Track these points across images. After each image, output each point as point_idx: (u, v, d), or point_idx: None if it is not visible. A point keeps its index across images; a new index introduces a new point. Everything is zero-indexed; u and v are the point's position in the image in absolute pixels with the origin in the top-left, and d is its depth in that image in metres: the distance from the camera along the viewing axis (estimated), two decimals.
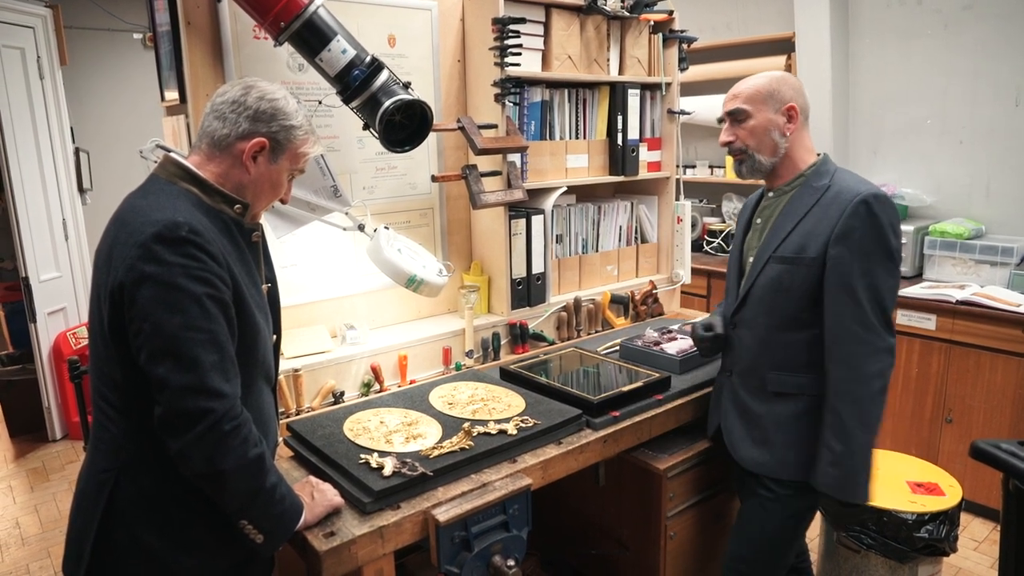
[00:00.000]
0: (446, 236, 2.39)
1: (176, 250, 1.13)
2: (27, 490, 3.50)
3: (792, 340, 1.68)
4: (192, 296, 1.14)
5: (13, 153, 3.68)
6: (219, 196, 1.28)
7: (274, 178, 1.33)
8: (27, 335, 3.92)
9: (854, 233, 1.56)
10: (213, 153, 1.29)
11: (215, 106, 1.29)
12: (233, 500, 1.20)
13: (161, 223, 1.14)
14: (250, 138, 1.28)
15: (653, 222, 2.85)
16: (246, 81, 1.32)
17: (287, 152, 1.32)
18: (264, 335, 1.33)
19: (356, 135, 2.08)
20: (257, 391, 1.34)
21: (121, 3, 5.16)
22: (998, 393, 2.84)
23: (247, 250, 1.33)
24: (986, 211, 3.35)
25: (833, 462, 1.57)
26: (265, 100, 1.28)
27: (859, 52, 3.70)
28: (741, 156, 1.72)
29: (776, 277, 1.66)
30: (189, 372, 1.12)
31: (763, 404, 1.73)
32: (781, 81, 1.68)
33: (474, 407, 1.83)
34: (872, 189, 1.58)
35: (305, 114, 1.35)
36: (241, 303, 1.24)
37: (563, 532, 2.35)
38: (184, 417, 1.12)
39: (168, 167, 1.28)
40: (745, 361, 1.77)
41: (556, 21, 2.35)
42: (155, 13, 1.90)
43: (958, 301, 2.91)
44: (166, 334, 1.12)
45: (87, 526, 1.22)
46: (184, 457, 1.14)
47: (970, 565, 2.66)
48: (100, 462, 1.24)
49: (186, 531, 1.25)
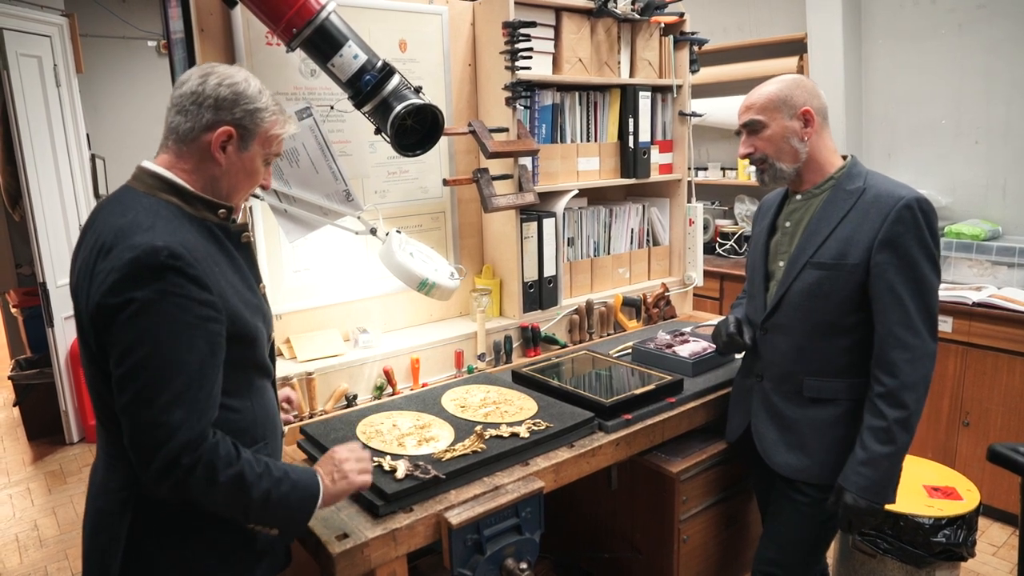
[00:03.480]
0: (458, 240, 2.40)
1: (155, 277, 1.09)
2: (45, 492, 3.54)
3: (830, 346, 1.66)
4: (164, 325, 1.10)
5: (31, 160, 3.73)
6: (201, 203, 1.23)
7: (248, 166, 1.27)
8: (45, 340, 3.97)
9: (900, 239, 1.54)
10: (180, 150, 1.22)
11: (174, 99, 1.22)
12: (227, 514, 1.19)
13: (140, 248, 1.09)
14: (215, 128, 1.21)
15: (665, 224, 2.84)
16: (203, 68, 1.24)
17: (257, 137, 1.25)
18: (262, 338, 1.30)
19: (368, 139, 2.09)
20: (260, 390, 1.33)
21: (136, 11, 5.22)
22: (1016, 396, 2.80)
23: (238, 253, 1.29)
24: (1002, 212, 3.32)
25: (868, 463, 1.56)
26: (224, 86, 1.21)
27: (872, 53, 3.67)
28: (762, 166, 1.70)
29: (815, 283, 1.64)
30: (147, 406, 1.08)
31: (799, 409, 1.72)
32: (793, 86, 1.66)
33: (486, 410, 1.83)
34: (914, 193, 1.56)
35: (270, 94, 1.27)
36: (235, 317, 1.20)
37: (575, 535, 2.35)
38: (142, 451, 1.09)
39: (144, 178, 1.22)
40: (779, 367, 1.74)
41: (566, 24, 2.35)
42: (169, 20, 1.92)
43: (975, 303, 2.88)
44: (131, 363, 1.08)
45: (111, 544, 1.21)
46: (153, 488, 1.12)
47: (988, 571, 2.62)
48: (118, 480, 1.22)
49: (216, 537, 1.24)
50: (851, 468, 1.59)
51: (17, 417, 4.32)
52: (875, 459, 1.55)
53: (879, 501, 1.57)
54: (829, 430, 1.68)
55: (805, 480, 1.71)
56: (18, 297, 4.48)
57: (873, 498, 1.56)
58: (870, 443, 1.56)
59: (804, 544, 1.75)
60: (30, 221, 3.77)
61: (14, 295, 4.52)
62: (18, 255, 4.72)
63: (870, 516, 1.58)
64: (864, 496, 1.56)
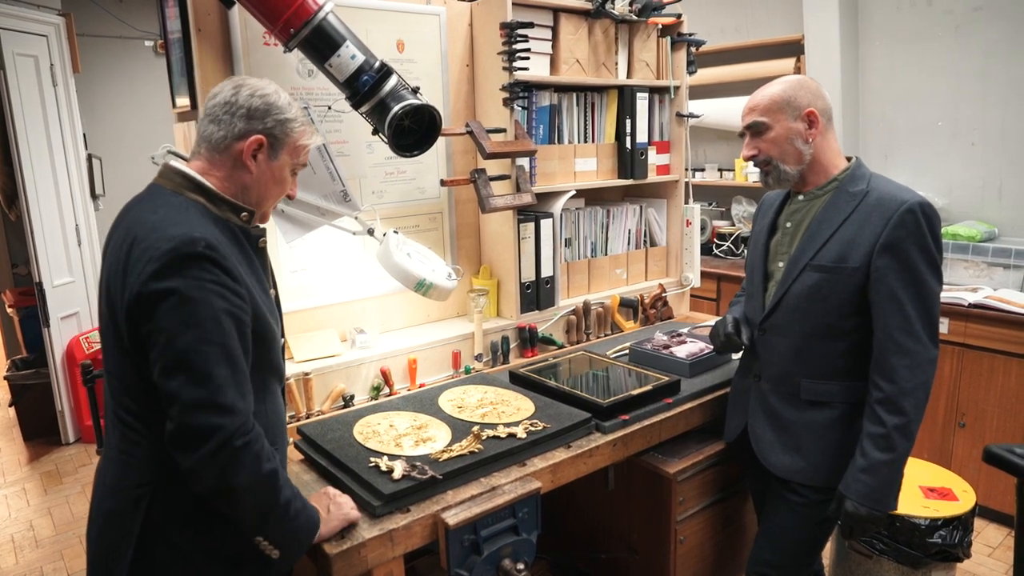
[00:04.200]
0: (455, 240, 2.39)
1: (193, 265, 1.13)
2: (41, 493, 3.53)
3: (828, 349, 1.65)
4: (208, 311, 1.13)
5: (27, 160, 3.73)
6: (225, 205, 1.27)
7: (277, 174, 1.33)
8: (41, 340, 3.96)
9: (901, 244, 1.52)
10: (213, 157, 1.28)
11: (208, 110, 1.28)
12: (247, 516, 1.19)
13: (178, 238, 1.13)
14: (247, 137, 1.27)
15: (662, 225, 2.85)
16: (235, 80, 1.30)
17: (286, 146, 1.31)
18: (276, 340, 1.34)
19: (365, 140, 2.09)
20: (271, 393, 1.35)
21: (133, 11, 5.21)
22: (1011, 397, 2.81)
23: (255, 257, 1.33)
24: (998, 213, 3.33)
25: (868, 470, 1.55)
26: (256, 96, 1.27)
27: (869, 54, 3.68)
28: (767, 168, 1.69)
29: (814, 285, 1.63)
30: (201, 387, 1.11)
31: (796, 411, 1.71)
32: (797, 87, 1.64)
33: (483, 411, 1.83)
34: (917, 197, 1.55)
35: (299, 106, 1.34)
36: (257, 314, 1.25)
37: (572, 536, 2.35)
38: (195, 433, 1.11)
39: (173, 177, 1.27)
40: (777, 368, 1.74)
41: (564, 25, 2.36)
42: (166, 20, 1.92)
43: (971, 304, 2.89)
44: (180, 348, 1.11)
45: (121, 543, 1.21)
46: (195, 474, 1.12)
47: (984, 571, 2.63)
48: (133, 477, 1.22)
49: (226, 542, 1.24)
50: (851, 475, 1.58)
51: (13, 417, 4.31)
52: (875, 466, 1.54)
53: (880, 508, 1.56)
54: (825, 432, 1.68)
55: (800, 481, 1.71)
56: (14, 297, 4.46)
57: (874, 505, 1.55)
58: (870, 450, 1.55)
59: (799, 545, 1.75)
60: (26, 221, 3.76)
61: (10, 295, 4.51)
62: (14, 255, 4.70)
63: (871, 523, 1.57)
64: (864, 504, 1.56)
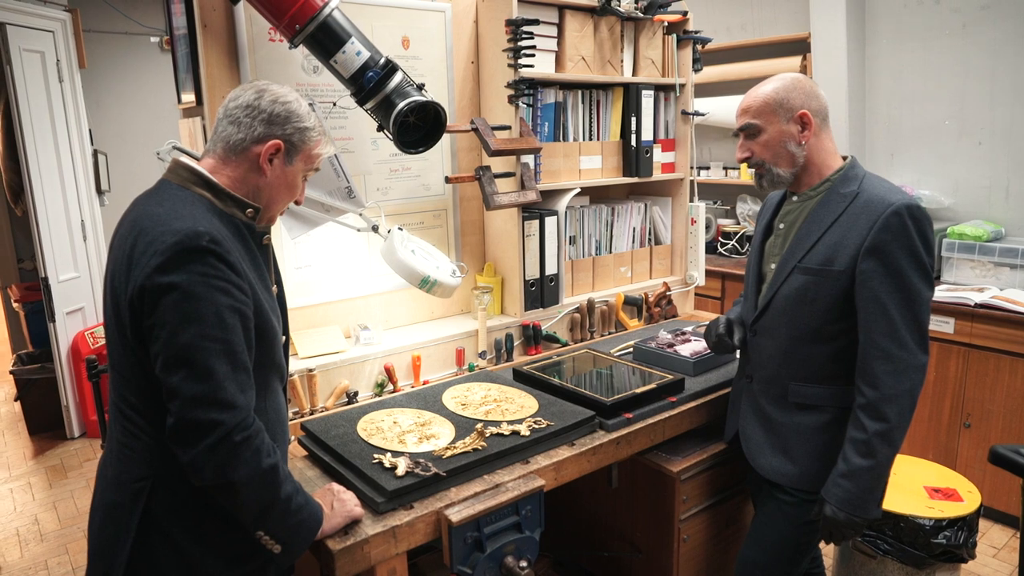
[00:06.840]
0: (460, 237, 2.39)
1: (197, 260, 1.14)
2: (46, 487, 3.54)
3: (815, 352, 1.63)
4: (210, 306, 1.14)
5: (33, 155, 3.74)
6: (231, 200, 1.28)
7: (289, 180, 1.35)
8: (46, 335, 3.98)
9: (886, 247, 1.49)
10: (229, 157, 1.30)
11: (228, 111, 1.30)
12: (248, 511, 1.19)
13: (182, 232, 1.14)
14: (265, 141, 1.29)
15: (667, 223, 2.84)
16: (258, 85, 1.32)
17: (301, 153, 1.34)
18: (277, 337, 1.34)
19: (370, 136, 2.09)
20: (273, 391, 1.36)
21: (138, 7, 5.22)
22: (1017, 397, 2.80)
23: (258, 254, 1.34)
24: (1005, 213, 3.31)
25: (848, 475, 1.53)
26: (279, 103, 1.30)
27: (876, 53, 3.66)
28: (760, 170, 1.67)
29: (801, 288, 1.61)
30: (202, 382, 1.11)
31: (785, 414, 1.70)
32: (791, 88, 1.61)
33: (487, 408, 1.83)
34: (904, 199, 1.51)
35: (317, 116, 1.37)
36: (259, 310, 1.25)
37: (575, 534, 2.35)
38: (194, 428, 1.11)
39: (180, 172, 1.28)
40: (766, 370, 1.73)
41: (570, 22, 2.35)
42: (172, 16, 1.92)
43: (977, 304, 2.88)
44: (181, 343, 1.12)
45: (120, 537, 1.21)
46: (195, 468, 1.13)
47: (989, 572, 2.62)
48: (133, 471, 1.23)
49: (225, 539, 1.25)
50: (832, 480, 1.57)
51: (18, 412, 4.34)
52: (855, 472, 1.52)
53: (859, 514, 1.53)
54: (813, 436, 1.66)
55: (786, 484, 1.69)
56: (20, 292, 4.49)
57: (852, 511, 1.53)
58: (851, 455, 1.53)
59: (783, 545, 1.73)
60: (32, 216, 3.77)
61: (16, 290, 4.53)
62: (20, 250, 4.73)
63: (850, 529, 1.55)
64: (844, 509, 1.54)
